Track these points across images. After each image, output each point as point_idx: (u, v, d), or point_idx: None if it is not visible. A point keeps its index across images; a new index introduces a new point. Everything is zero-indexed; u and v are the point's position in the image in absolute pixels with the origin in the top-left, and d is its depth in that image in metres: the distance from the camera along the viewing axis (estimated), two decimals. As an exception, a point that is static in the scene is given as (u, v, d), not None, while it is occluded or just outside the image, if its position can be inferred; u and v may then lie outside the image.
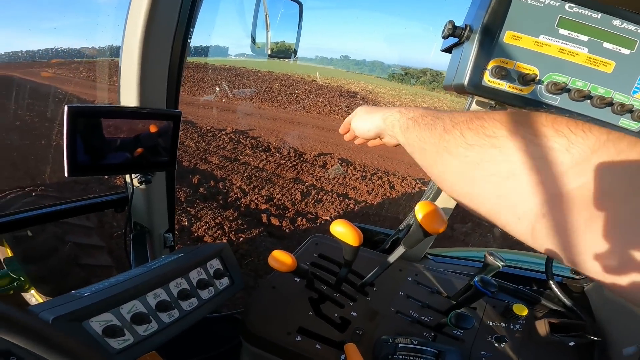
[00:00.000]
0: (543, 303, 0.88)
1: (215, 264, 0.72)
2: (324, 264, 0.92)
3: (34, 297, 1.95)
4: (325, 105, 11.34)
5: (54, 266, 2.01)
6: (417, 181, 5.60)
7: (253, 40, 1.11)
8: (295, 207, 4.32)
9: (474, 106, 0.81)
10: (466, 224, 4.07)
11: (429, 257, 1.11)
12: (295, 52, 1.14)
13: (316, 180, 5.18)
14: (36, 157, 4.95)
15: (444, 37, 0.59)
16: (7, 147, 5.24)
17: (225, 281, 0.74)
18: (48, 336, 0.30)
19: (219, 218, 3.77)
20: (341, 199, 4.65)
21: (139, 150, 0.78)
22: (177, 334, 0.60)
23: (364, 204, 4.72)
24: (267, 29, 1.09)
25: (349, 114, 0.74)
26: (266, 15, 1.11)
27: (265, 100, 11.38)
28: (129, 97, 0.86)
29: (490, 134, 0.35)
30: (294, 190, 4.69)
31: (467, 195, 0.39)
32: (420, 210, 0.64)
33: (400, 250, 0.73)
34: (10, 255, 1.94)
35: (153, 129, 0.80)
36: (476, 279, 0.71)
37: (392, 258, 0.76)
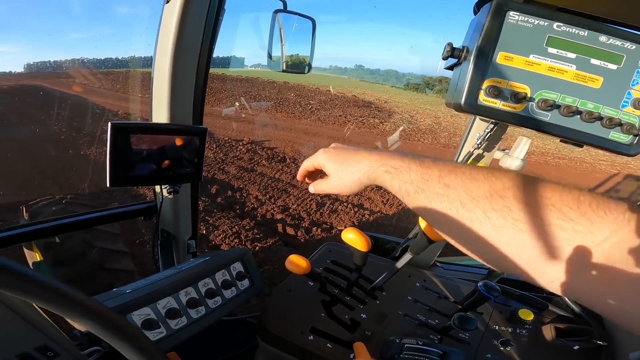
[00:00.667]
0: (550, 309, 0.89)
1: (237, 266, 0.79)
2: (336, 269, 0.97)
3: None
4: (340, 115, 11.46)
5: (80, 270, 2.10)
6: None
7: (269, 55, 1.18)
8: (311, 217, 4.38)
9: (477, 122, 0.86)
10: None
11: (438, 264, 1.14)
12: (309, 66, 1.17)
13: (331, 190, 5.23)
14: (64, 166, 5.24)
15: (444, 58, 0.64)
16: (37, 156, 5.56)
17: (246, 282, 0.81)
18: (117, 321, 0.35)
19: (236, 227, 3.86)
20: (356, 209, 4.68)
21: (169, 163, 0.87)
22: (202, 329, 0.67)
23: (378, 214, 4.73)
24: (282, 43, 1.14)
25: (363, 124, 0.70)
26: (280, 30, 1.18)
27: (280, 111, 11.61)
28: (160, 113, 0.95)
29: (518, 218, 0.36)
30: (309, 201, 4.76)
31: (493, 261, 0.40)
32: (423, 220, 0.68)
33: (407, 257, 0.78)
34: (39, 259, 2.04)
35: (181, 143, 0.88)
36: (480, 284, 0.74)
37: (399, 264, 0.80)
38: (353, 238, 0.73)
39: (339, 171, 0.53)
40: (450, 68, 0.73)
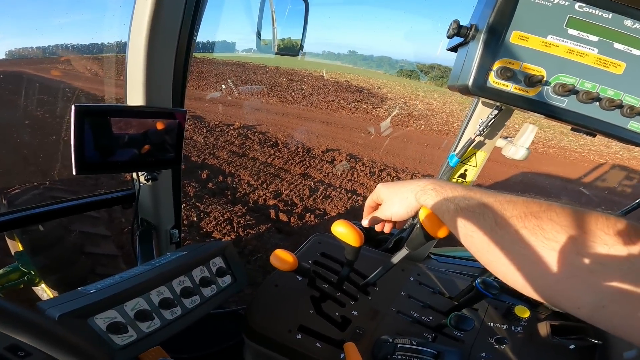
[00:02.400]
0: (545, 305, 0.87)
1: (218, 262, 0.73)
2: (326, 262, 0.93)
3: (44, 291, 1.98)
4: (333, 100, 11.29)
5: (60, 256, 2.03)
6: (426, 177, 5.56)
7: (259, 36, 1.11)
8: (304, 203, 4.33)
9: (479, 107, 0.80)
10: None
11: (432, 257, 1.11)
12: (301, 48, 1.13)
13: (324, 176, 5.18)
14: (46, 152, 5.06)
15: (449, 37, 0.58)
16: (18, 143, 5.36)
17: (227, 279, 0.75)
18: (53, 333, 0.31)
19: (228, 213, 3.80)
20: (349, 195, 4.65)
21: (146, 148, 0.80)
22: (178, 331, 0.62)
23: (371, 200, 4.71)
24: (273, 25, 1.10)
25: (356, 110, 0.69)
26: (272, 12, 1.10)
27: (272, 95, 11.38)
28: (135, 96, 0.87)
29: (550, 238, 0.36)
30: (302, 186, 4.70)
31: (522, 286, 0.39)
32: (423, 213, 0.64)
33: (403, 252, 0.74)
34: (20, 249, 1.97)
35: (159, 127, 0.81)
36: (478, 280, 0.71)
37: (395, 259, 0.76)
38: (344, 232, 0.68)
39: (392, 195, 0.61)
40: (454, 49, 0.66)
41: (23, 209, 1.02)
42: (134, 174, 0.96)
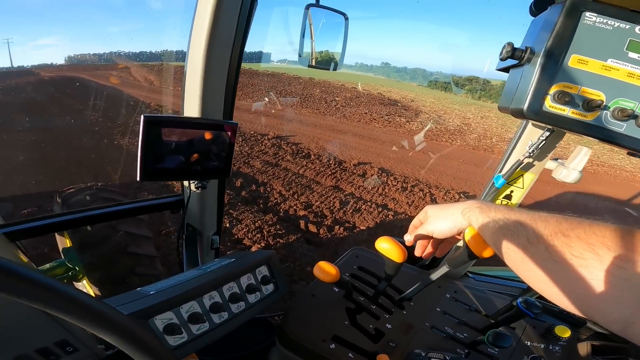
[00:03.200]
0: (588, 326, 0.84)
1: (263, 270, 0.76)
2: (363, 276, 0.94)
3: (85, 287, 2.10)
4: (366, 113, 11.31)
5: (105, 254, 2.17)
6: (461, 195, 5.37)
7: (300, 50, 1.13)
8: (334, 215, 4.34)
9: (529, 128, 0.79)
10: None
11: (470, 275, 1.09)
12: (338, 62, 1.14)
13: (355, 189, 5.17)
14: (98, 155, 5.48)
15: (502, 59, 0.58)
16: (72, 145, 5.84)
17: (270, 287, 0.78)
18: (131, 330, 0.34)
19: (259, 222, 3.89)
20: (380, 209, 4.59)
21: (198, 157, 0.85)
22: (223, 334, 0.65)
23: (403, 215, 4.62)
24: (311, 39, 1.11)
25: (389, 123, 0.71)
26: (311, 25, 1.13)
27: (306, 106, 11.61)
28: (191, 107, 0.94)
29: (578, 255, 0.37)
30: (333, 198, 4.72)
31: (559, 299, 0.41)
32: (469, 233, 0.64)
33: (443, 270, 0.74)
34: (68, 245, 2.11)
35: (213, 138, 0.86)
36: (520, 300, 0.70)
37: (434, 276, 0.76)
38: (388, 248, 0.70)
39: (438, 212, 0.64)
40: (506, 70, 0.66)
41: (80, 211, 1.11)
42: (185, 182, 1.02)
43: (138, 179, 0.77)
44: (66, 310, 0.29)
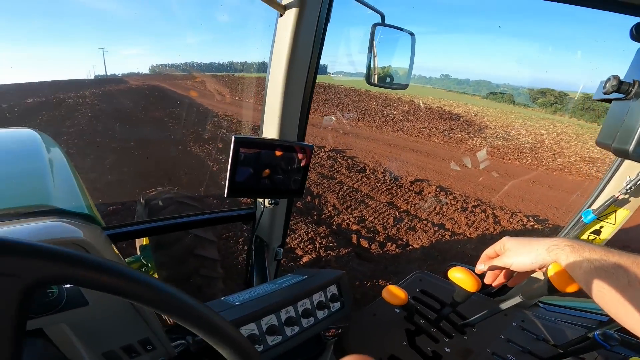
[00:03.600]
0: None
1: (333, 288, 0.80)
2: (425, 299, 0.95)
3: None
4: (424, 127, 10.97)
5: (175, 254, 2.37)
6: (530, 218, 4.90)
7: (368, 69, 1.09)
8: (387, 231, 4.26)
9: (627, 163, 0.72)
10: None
11: (541, 305, 1.03)
12: (407, 81, 1.13)
13: (411, 206, 5.02)
14: (174, 160, 6.09)
15: (606, 93, 0.53)
16: (154, 150, 6.55)
17: (337, 305, 0.81)
18: (238, 338, 0.37)
19: (312, 233, 3.97)
20: (436, 228, 4.39)
21: (276, 177, 0.92)
22: (292, 347, 0.68)
23: (461, 236, 4.36)
24: (374, 56, 1.09)
25: (449, 139, 0.69)
26: (374, 43, 1.14)
27: (362, 119, 11.64)
28: (270, 129, 1.02)
29: None
30: (387, 215, 4.64)
31: None
32: (553, 269, 0.62)
33: (516, 300, 0.72)
34: (145, 243, 2.35)
35: (289, 159, 0.92)
36: (598, 332, 0.67)
37: (505, 305, 0.75)
38: (461, 277, 0.71)
39: (520, 246, 0.62)
40: (606, 100, 0.61)
41: (167, 218, 1.24)
42: (260, 198, 1.10)
43: (225, 195, 0.85)
44: (182, 315, 0.33)
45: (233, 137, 0.82)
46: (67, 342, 0.58)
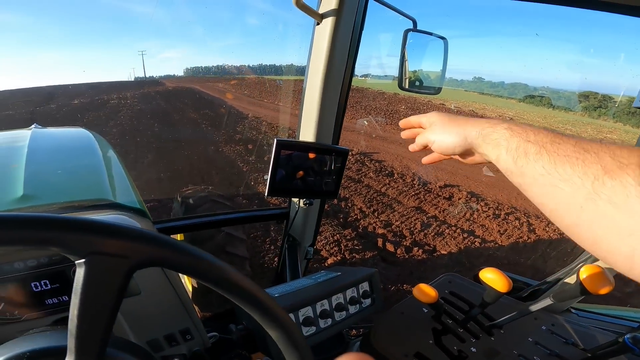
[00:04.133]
0: None
1: (365, 285, 0.84)
2: (454, 300, 0.96)
3: (183, 278, 2.41)
4: (455, 131, 10.64)
5: (208, 250, 2.47)
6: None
7: (400, 75, 1.10)
8: (413, 236, 4.21)
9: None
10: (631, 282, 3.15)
11: (572, 310, 1.02)
12: (439, 86, 1.13)
13: (439, 212, 4.92)
14: (207, 160, 6.34)
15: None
16: (188, 149, 6.85)
17: (368, 301, 0.85)
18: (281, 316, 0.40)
19: (337, 235, 4.00)
20: (465, 235, 4.28)
21: (313, 179, 0.97)
22: (325, 338, 0.73)
23: (492, 244, 4.22)
24: (404, 59, 1.09)
25: None
26: (405, 48, 1.14)
27: (390, 123, 11.52)
28: (307, 132, 1.06)
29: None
30: (414, 220, 4.58)
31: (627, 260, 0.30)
32: (586, 271, 0.63)
33: (546, 302, 0.73)
34: (180, 239, 2.43)
35: (327, 162, 0.97)
36: (628, 335, 0.67)
37: (535, 307, 0.76)
38: (493, 278, 0.72)
39: (447, 124, 0.53)
40: (649, 110, 0.61)
41: (202, 216, 1.31)
42: (294, 199, 1.16)
43: (266, 194, 0.92)
44: (243, 298, 0.37)
45: (275, 140, 0.87)
46: (119, 329, 0.62)
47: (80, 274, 0.31)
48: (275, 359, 0.64)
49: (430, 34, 1.07)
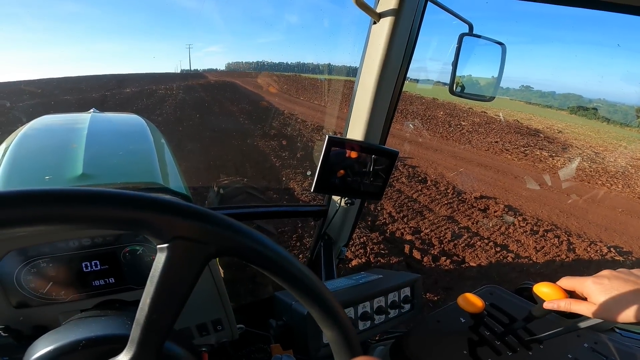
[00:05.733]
0: None
1: (406, 290, 0.84)
2: (494, 312, 0.94)
3: (218, 265, 2.48)
4: (496, 142, 10.16)
5: None
6: (611, 249, 4.33)
7: (452, 80, 1.06)
8: (442, 246, 4.09)
9: None
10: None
11: (617, 330, 0.97)
12: (494, 93, 1.10)
13: (472, 223, 4.74)
14: (244, 153, 6.53)
15: None
16: (226, 141, 7.08)
17: (408, 306, 0.85)
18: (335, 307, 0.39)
19: (364, 238, 3.97)
20: (498, 249, 4.10)
21: (359, 178, 0.97)
22: (363, 340, 0.73)
23: (526, 260, 4.01)
24: (456, 65, 1.04)
25: (525, 156, 0.60)
26: (458, 54, 1.08)
27: (427, 128, 11.21)
28: (356, 130, 1.05)
29: None
30: (445, 229, 4.45)
31: None
32: None
33: (594, 321, 0.68)
34: None
35: (375, 163, 0.96)
36: None
37: (583, 324, 0.71)
38: (548, 292, 0.70)
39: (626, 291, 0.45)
40: None
41: (248, 206, 1.36)
42: (335, 197, 1.17)
43: (312, 190, 0.94)
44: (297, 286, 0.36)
45: (327, 136, 0.88)
46: None
47: (160, 259, 0.29)
48: (312, 358, 0.65)
49: (488, 39, 1.03)
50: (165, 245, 0.29)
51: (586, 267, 4.00)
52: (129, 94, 13.75)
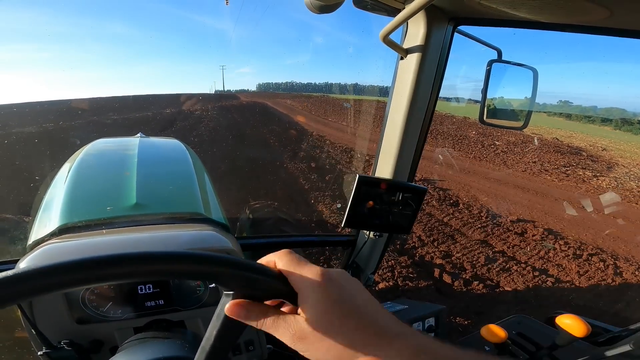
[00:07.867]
0: None
1: (431, 320, 0.86)
2: (520, 341, 0.93)
3: None
4: (534, 162, 9.70)
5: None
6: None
7: (482, 108, 1.04)
8: (475, 270, 3.95)
9: None
10: None
11: None
12: (527, 121, 1.07)
13: (508, 247, 4.53)
14: (272, 176, 6.71)
15: None
16: (256, 162, 7.30)
17: (432, 335, 0.86)
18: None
19: (392, 261, 3.91)
20: (536, 273, 3.89)
21: (388, 214, 1.02)
22: None
23: (567, 285, 3.76)
24: (485, 91, 1.03)
25: (566, 176, 0.59)
26: (487, 81, 1.03)
27: (458, 149, 10.95)
28: (385, 167, 1.09)
29: None
30: (478, 253, 4.29)
31: None
32: None
33: (624, 348, 0.71)
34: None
35: (402, 199, 1.01)
36: None
37: (610, 352, 0.76)
38: (570, 324, 0.71)
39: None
40: None
41: (271, 236, 1.39)
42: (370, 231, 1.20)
43: (343, 225, 1.00)
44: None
45: (357, 176, 0.95)
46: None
47: (226, 301, 0.37)
48: None
49: (519, 64, 1.02)
50: (231, 292, 0.37)
51: (635, 292, 3.68)
52: (167, 115, 14.67)
